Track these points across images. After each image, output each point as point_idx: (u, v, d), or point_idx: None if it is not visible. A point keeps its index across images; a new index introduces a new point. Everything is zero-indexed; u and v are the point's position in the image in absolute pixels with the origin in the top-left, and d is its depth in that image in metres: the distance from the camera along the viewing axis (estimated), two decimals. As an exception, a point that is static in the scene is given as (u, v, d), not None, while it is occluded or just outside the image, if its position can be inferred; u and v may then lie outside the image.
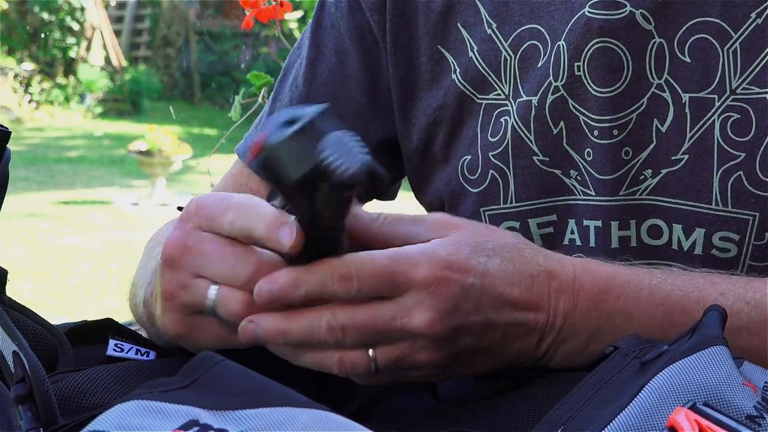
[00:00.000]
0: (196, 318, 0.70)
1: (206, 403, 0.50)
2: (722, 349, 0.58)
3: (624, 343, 0.67)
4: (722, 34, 0.84)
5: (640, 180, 0.86)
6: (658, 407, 0.53)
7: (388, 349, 0.68)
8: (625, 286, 0.74)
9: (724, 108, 0.84)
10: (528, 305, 0.71)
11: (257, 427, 0.48)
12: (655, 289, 0.74)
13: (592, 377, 0.62)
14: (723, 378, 0.55)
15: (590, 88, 0.87)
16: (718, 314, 0.63)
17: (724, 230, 0.84)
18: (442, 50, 0.94)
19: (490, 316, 0.69)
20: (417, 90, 0.96)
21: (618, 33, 0.85)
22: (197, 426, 0.48)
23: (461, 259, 0.68)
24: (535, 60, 0.89)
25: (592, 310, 0.73)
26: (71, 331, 0.77)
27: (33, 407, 0.59)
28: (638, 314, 0.73)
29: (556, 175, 0.89)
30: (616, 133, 0.86)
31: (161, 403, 0.50)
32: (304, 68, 1.00)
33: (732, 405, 0.53)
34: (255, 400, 0.50)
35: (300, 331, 0.68)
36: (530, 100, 0.89)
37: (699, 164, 0.84)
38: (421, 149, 0.97)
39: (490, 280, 0.69)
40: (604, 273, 0.74)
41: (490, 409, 0.68)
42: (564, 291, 0.72)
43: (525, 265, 0.71)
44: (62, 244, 5.77)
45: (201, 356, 0.55)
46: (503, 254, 0.71)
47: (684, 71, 0.85)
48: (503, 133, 0.90)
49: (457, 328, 0.68)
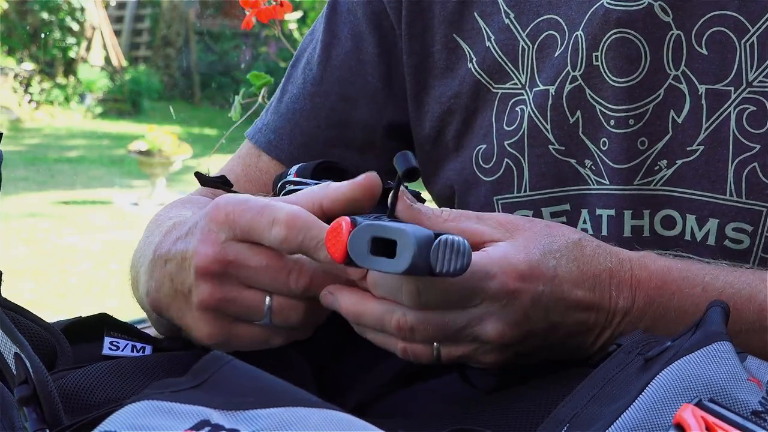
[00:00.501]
0: (238, 326, 0.72)
1: (216, 403, 0.50)
2: (726, 344, 0.58)
3: (627, 340, 0.67)
4: (740, 27, 0.85)
5: (655, 170, 0.86)
6: (664, 404, 0.53)
7: (453, 348, 0.70)
8: (680, 282, 0.75)
9: (740, 100, 0.85)
10: (591, 305, 0.72)
11: (269, 426, 0.48)
12: (708, 286, 0.75)
13: (596, 374, 0.62)
14: (727, 374, 0.55)
15: (607, 78, 0.87)
16: (721, 310, 0.63)
17: (738, 221, 0.84)
18: (458, 39, 0.95)
19: (556, 320, 0.71)
20: (431, 78, 0.96)
21: (636, 24, 0.86)
22: (209, 426, 0.48)
23: (532, 267, 0.70)
24: (552, 50, 0.90)
25: (648, 306, 0.74)
26: (67, 328, 0.77)
27: (38, 408, 0.59)
28: (691, 311, 0.74)
29: (570, 164, 0.89)
30: (632, 122, 0.87)
31: (172, 404, 0.50)
32: (318, 52, 1.01)
33: (737, 401, 0.53)
34: (266, 400, 0.50)
35: (371, 319, 0.70)
36: (547, 89, 0.89)
37: (714, 155, 0.85)
38: (433, 137, 0.97)
39: (558, 285, 0.71)
40: (659, 269, 0.75)
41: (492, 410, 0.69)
42: (623, 289, 0.73)
43: (587, 265, 0.73)
44: (62, 244, 5.76)
45: (210, 356, 0.55)
46: (568, 255, 0.72)
47: (701, 63, 0.86)
48: (519, 122, 0.91)
49: (525, 334, 0.70)
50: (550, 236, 0.73)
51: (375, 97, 0.99)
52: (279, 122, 1.03)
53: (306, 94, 1.02)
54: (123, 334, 0.79)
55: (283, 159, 1.02)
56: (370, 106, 1.00)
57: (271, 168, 1.02)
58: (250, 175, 1.03)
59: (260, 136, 1.04)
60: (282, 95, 1.05)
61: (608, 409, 0.56)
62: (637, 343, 0.66)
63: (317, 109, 1.01)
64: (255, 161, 1.04)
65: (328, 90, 1.01)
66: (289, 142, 1.02)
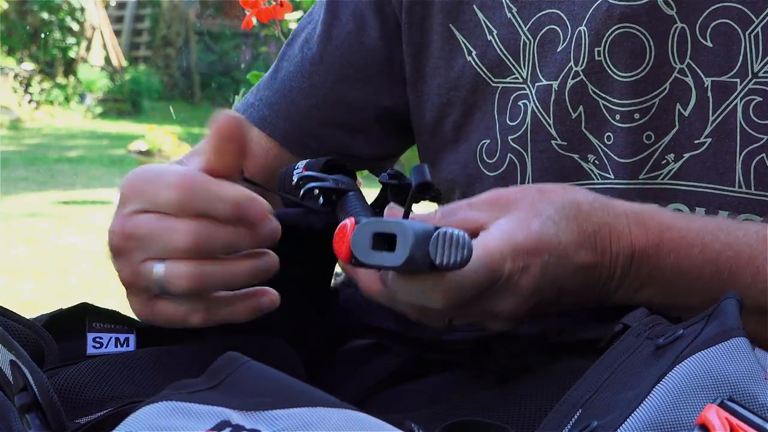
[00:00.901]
0: (156, 301, 0.70)
1: (234, 403, 0.50)
2: (743, 340, 0.57)
3: (634, 320, 0.67)
4: (744, 19, 0.85)
5: (662, 164, 0.87)
6: (684, 401, 0.52)
7: (466, 317, 0.72)
8: (678, 242, 0.75)
9: (747, 91, 0.85)
10: (594, 264, 0.73)
11: (290, 427, 0.48)
12: (707, 248, 0.75)
13: (606, 358, 0.62)
14: (746, 372, 0.54)
15: (612, 72, 0.87)
16: (736, 302, 0.63)
17: (748, 213, 0.84)
18: (455, 30, 0.95)
19: (564, 285, 0.72)
20: (428, 67, 0.96)
21: (640, 18, 0.86)
22: (229, 426, 0.47)
23: (536, 239, 0.70)
24: (554, 44, 0.90)
25: (644, 263, 0.74)
26: (49, 322, 0.76)
27: (40, 414, 0.59)
28: (688, 270, 0.74)
29: (573, 159, 0.89)
30: (637, 117, 0.87)
31: (190, 404, 0.49)
32: (319, 30, 1.00)
33: (756, 401, 0.52)
34: (285, 401, 0.50)
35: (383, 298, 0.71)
36: (550, 84, 0.89)
37: (722, 147, 0.85)
38: (432, 126, 0.97)
39: (563, 251, 0.71)
40: (657, 227, 0.75)
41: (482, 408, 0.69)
42: (623, 245, 0.74)
43: (586, 222, 0.73)
44: (62, 244, 5.76)
45: (226, 357, 0.54)
46: (567, 215, 0.72)
47: (706, 56, 0.85)
48: (522, 117, 0.91)
49: (536, 304, 0.71)
50: (544, 201, 0.73)
51: (374, 79, 0.99)
52: (274, 98, 1.02)
53: (304, 72, 1.01)
54: (105, 323, 0.78)
55: (276, 135, 1.01)
56: (368, 88, 0.99)
57: (262, 144, 1.01)
58: None
59: (253, 111, 1.03)
60: (276, 72, 1.04)
61: (621, 397, 0.55)
62: (644, 325, 0.66)
63: (315, 87, 1.00)
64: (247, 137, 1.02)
65: (327, 69, 1.00)
66: (285, 118, 1.01)
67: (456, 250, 0.62)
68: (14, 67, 11.42)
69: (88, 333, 0.77)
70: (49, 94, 11.80)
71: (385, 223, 0.62)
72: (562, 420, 0.56)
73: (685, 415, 0.51)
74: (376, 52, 0.99)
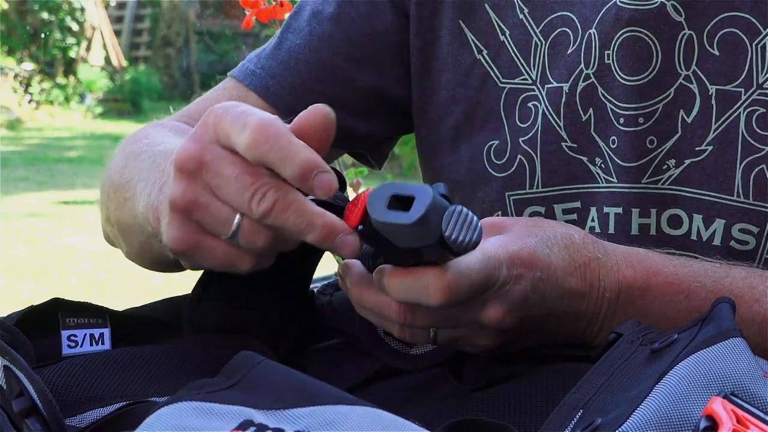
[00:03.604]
0: (207, 238, 0.66)
1: (254, 402, 0.49)
2: (741, 341, 0.58)
3: (626, 329, 0.67)
4: (752, 29, 0.85)
5: (663, 169, 0.87)
6: (687, 396, 0.53)
7: (451, 331, 0.71)
8: (665, 287, 0.75)
9: (750, 102, 0.85)
10: (582, 293, 0.73)
11: (314, 426, 0.47)
12: (693, 295, 0.76)
13: (603, 362, 0.62)
14: (745, 370, 0.55)
15: (618, 76, 0.87)
16: (729, 306, 0.63)
17: (744, 222, 0.84)
18: (464, 27, 0.95)
19: (551, 306, 0.72)
20: (436, 62, 0.96)
21: (648, 23, 0.86)
22: (253, 426, 0.47)
23: (531, 253, 0.70)
24: (564, 47, 0.90)
25: (630, 303, 0.75)
26: (20, 321, 0.74)
27: (40, 419, 0.59)
28: (672, 317, 0.75)
29: (582, 161, 0.89)
30: (641, 121, 0.87)
31: (211, 404, 0.49)
32: (332, 9, 0.99)
33: (756, 397, 0.53)
34: (304, 399, 0.49)
35: (372, 303, 0.70)
36: (561, 86, 0.90)
37: (722, 156, 0.85)
38: (434, 121, 0.97)
39: (553, 273, 0.72)
40: (644, 271, 0.76)
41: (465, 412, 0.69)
42: (611, 281, 0.74)
43: (578, 253, 0.74)
44: (62, 244, 5.76)
45: (242, 356, 0.54)
46: (559, 243, 0.73)
47: (712, 64, 0.86)
48: (534, 119, 0.91)
49: (522, 319, 0.71)
50: (538, 227, 0.74)
51: (381, 65, 0.99)
52: (278, 69, 1.00)
53: (312, 47, 0.99)
54: (78, 318, 0.76)
55: (279, 107, 0.99)
56: (375, 73, 0.99)
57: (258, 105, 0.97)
58: None
59: (254, 80, 1.01)
60: (281, 42, 1.02)
61: (622, 397, 0.56)
62: (637, 333, 0.66)
63: (323, 63, 0.99)
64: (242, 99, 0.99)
65: (336, 47, 0.99)
66: (289, 91, 0.99)
67: (468, 230, 0.61)
68: (14, 67, 11.41)
69: (62, 331, 0.76)
70: (49, 94, 11.78)
71: (405, 187, 0.61)
72: (563, 421, 0.56)
73: (690, 410, 0.52)
74: (387, 36, 0.98)
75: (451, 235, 0.61)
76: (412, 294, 0.67)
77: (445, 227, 0.61)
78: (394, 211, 0.60)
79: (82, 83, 12.18)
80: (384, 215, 0.61)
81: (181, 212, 0.65)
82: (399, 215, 0.60)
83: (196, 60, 13.56)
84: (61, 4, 12.08)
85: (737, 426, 0.49)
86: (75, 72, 12.22)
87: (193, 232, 0.66)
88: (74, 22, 12.25)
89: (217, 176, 0.63)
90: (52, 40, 12.03)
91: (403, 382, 0.80)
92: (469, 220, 0.62)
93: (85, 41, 12.47)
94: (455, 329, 0.71)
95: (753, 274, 0.78)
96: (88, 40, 12.56)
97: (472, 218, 0.62)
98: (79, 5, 12.22)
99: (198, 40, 13.73)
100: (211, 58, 13.65)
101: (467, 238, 0.61)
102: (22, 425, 0.60)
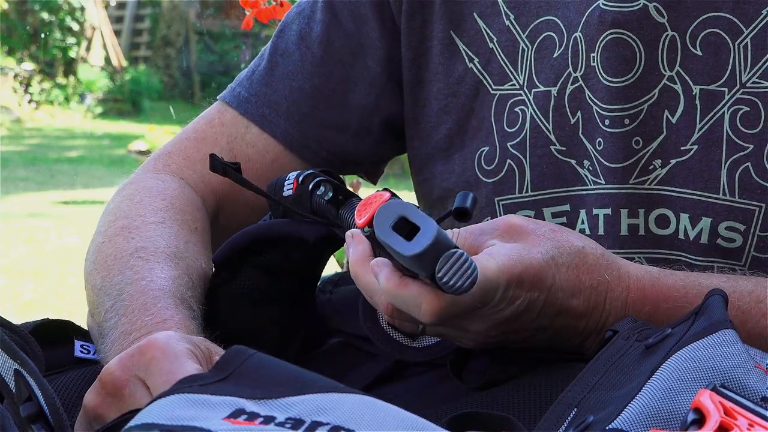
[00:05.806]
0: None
1: (246, 393, 0.50)
2: (731, 332, 0.58)
3: (622, 326, 0.68)
4: (734, 29, 0.86)
5: (649, 170, 0.87)
6: (677, 390, 0.53)
7: (438, 329, 0.72)
8: (671, 312, 0.75)
9: (734, 101, 0.86)
10: (583, 314, 0.73)
11: (305, 412, 0.48)
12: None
13: (598, 360, 0.63)
14: (736, 361, 0.55)
15: (602, 77, 0.88)
16: (721, 298, 0.63)
17: (731, 220, 0.85)
18: (455, 36, 0.95)
19: (544, 323, 0.72)
20: (428, 73, 0.96)
21: (631, 25, 0.87)
22: (245, 414, 0.48)
23: (532, 275, 0.70)
24: (549, 51, 0.91)
25: None
26: (35, 330, 0.77)
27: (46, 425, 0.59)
28: None
29: (570, 164, 0.90)
30: (627, 122, 0.88)
31: (203, 396, 0.50)
32: (319, 31, 0.99)
33: (746, 387, 0.53)
34: (297, 389, 0.50)
35: (364, 285, 0.71)
36: (549, 90, 0.90)
37: (708, 155, 0.86)
38: (426, 132, 0.97)
39: (553, 294, 0.71)
40: (654, 297, 0.76)
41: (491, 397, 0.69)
42: (616, 305, 0.74)
43: (587, 274, 0.73)
44: (62, 244, 5.75)
45: (234, 350, 0.55)
46: (569, 262, 0.73)
47: (695, 64, 0.86)
48: (521, 124, 0.91)
49: (508, 332, 0.71)
50: (553, 241, 0.73)
51: (374, 81, 0.99)
52: (274, 96, 1.00)
53: (305, 73, 1.00)
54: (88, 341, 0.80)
55: (277, 136, 0.99)
56: (368, 90, 0.99)
57: (259, 142, 0.99)
58: (236, 149, 0.99)
59: (249, 107, 1.00)
60: (272, 68, 1.01)
61: (615, 394, 0.56)
62: (632, 329, 0.67)
63: (317, 89, 0.99)
64: (242, 133, 1.00)
65: (329, 71, 0.99)
66: (286, 118, 1.00)
67: (461, 276, 0.62)
68: (14, 67, 11.41)
69: (75, 340, 0.79)
70: (49, 94, 11.78)
71: (416, 213, 0.62)
72: (558, 419, 0.56)
73: (680, 403, 0.52)
74: (376, 53, 0.98)
75: (443, 278, 0.61)
76: (404, 306, 0.68)
77: (439, 268, 0.61)
78: (396, 235, 0.62)
79: (82, 83, 12.18)
80: (387, 236, 0.62)
81: (91, 409, 0.67)
82: (400, 242, 0.61)
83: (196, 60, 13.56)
84: (61, 4, 12.08)
85: (725, 418, 0.49)
86: (75, 72, 12.22)
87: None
88: (74, 22, 12.25)
89: (129, 406, 0.66)
90: (52, 40, 12.03)
91: (404, 385, 0.80)
92: (465, 266, 0.62)
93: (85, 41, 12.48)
94: (443, 327, 0.72)
95: (759, 286, 0.78)
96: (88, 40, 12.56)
97: (469, 264, 0.62)
98: (79, 5, 12.22)
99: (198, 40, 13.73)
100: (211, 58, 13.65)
101: (458, 284, 0.62)
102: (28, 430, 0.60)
